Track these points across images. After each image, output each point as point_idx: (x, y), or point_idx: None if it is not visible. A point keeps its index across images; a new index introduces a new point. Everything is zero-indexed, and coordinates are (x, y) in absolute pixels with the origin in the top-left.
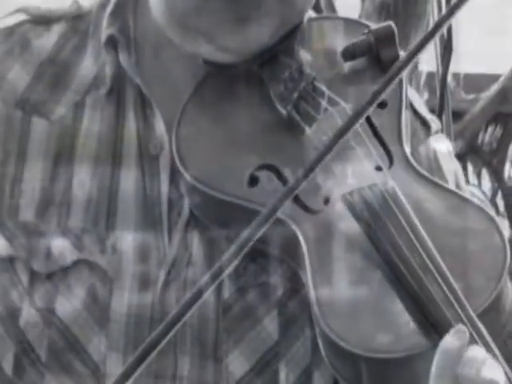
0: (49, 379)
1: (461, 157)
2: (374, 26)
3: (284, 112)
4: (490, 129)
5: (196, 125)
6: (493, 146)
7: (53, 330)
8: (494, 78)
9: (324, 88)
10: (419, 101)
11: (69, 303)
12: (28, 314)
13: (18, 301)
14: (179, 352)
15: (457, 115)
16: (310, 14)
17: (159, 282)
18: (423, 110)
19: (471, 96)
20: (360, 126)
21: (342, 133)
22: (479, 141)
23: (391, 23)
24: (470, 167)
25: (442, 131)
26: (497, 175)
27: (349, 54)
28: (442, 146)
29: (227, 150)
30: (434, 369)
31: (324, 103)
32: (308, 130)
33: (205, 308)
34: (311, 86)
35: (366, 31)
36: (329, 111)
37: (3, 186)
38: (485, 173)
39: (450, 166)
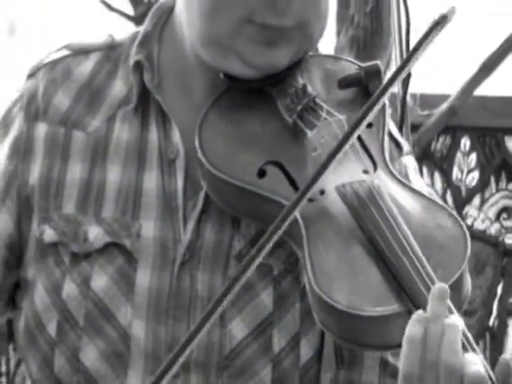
0: (85, 341)
1: (417, 162)
2: (364, 64)
3: (290, 120)
4: (440, 139)
5: (216, 127)
6: (443, 152)
7: (88, 301)
8: (444, 97)
9: (323, 103)
10: (394, 126)
11: (101, 279)
12: (69, 288)
13: (60, 278)
14: (191, 319)
15: (414, 127)
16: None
17: (176, 262)
18: (397, 135)
19: (426, 112)
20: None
21: (340, 146)
22: (432, 148)
23: (378, 62)
24: (424, 170)
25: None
26: (446, 177)
27: (343, 83)
28: (411, 164)
29: (241, 148)
30: (401, 356)
31: (323, 114)
32: (309, 134)
33: (213, 283)
34: (313, 101)
35: (358, 67)
36: (327, 120)
37: (49, 187)
38: (437, 175)
39: (417, 180)
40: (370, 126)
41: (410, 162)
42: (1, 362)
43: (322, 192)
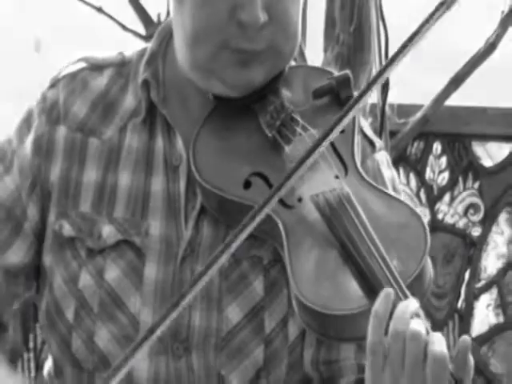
0: (99, 325)
1: (394, 164)
2: (335, 73)
3: (270, 135)
4: (415, 144)
5: (207, 144)
6: (417, 156)
7: (102, 290)
8: (419, 107)
9: (299, 118)
10: (367, 126)
11: (114, 272)
12: (85, 279)
13: (77, 269)
14: (192, 307)
15: (392, 134)
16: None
17: (178, 256)
18: (370, 133)
19: (402, 120)
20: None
21: (309, 152)
22: (407, 152)
23: (348, 72)
24: (401, 171)
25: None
26: (420, 177)
27: (317, 93)
28: (384, 158)
29: (229, 161)
30: (369, 329)
31: (298, 129)
32: (286, 148)
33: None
34: (289, 117)
35: (330, 77)
36: (302, 135)
37: (68, 186)
38: (412, 175)
39: (389, 174)
40: (342, 131)
41: (382, 157)
42: (29, 338)
43: (300, 199)
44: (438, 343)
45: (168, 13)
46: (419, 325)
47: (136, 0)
